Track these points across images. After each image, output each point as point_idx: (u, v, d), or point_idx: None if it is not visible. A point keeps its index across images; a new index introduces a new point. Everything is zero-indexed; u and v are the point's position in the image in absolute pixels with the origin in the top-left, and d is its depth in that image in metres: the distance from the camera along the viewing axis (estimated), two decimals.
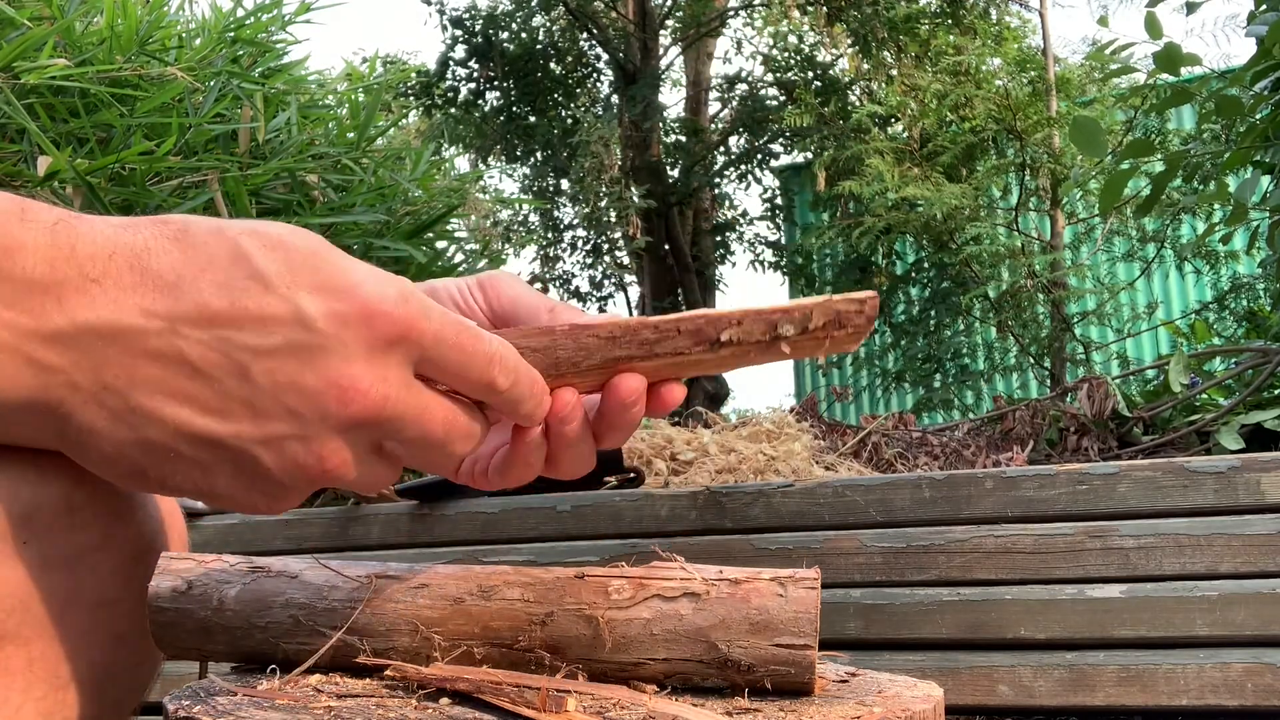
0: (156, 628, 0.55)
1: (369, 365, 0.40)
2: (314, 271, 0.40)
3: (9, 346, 0.37)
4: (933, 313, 6.55)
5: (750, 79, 10.63)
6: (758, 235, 10.61)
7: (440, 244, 2.36)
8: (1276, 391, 2.21)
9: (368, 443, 0.43)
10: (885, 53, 7.87)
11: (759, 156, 9.94)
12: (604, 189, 9.18)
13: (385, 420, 0.42)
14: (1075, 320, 5.53)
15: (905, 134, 6.32)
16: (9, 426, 0.39)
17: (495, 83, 10.31)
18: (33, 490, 0.51)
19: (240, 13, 2.13)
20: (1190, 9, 2.21)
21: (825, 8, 8.45)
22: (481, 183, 9.87)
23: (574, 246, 10.86)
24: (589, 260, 10.72)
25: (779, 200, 10.13)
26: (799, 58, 10.09)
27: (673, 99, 14.06)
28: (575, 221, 10.56)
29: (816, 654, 0.50)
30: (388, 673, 0.56)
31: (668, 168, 9.58)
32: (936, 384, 6.55)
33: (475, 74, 10.30)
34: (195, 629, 0.55)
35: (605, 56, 10.36)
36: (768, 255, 10.35)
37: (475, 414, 0.48)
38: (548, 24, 10.62)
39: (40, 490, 0.51)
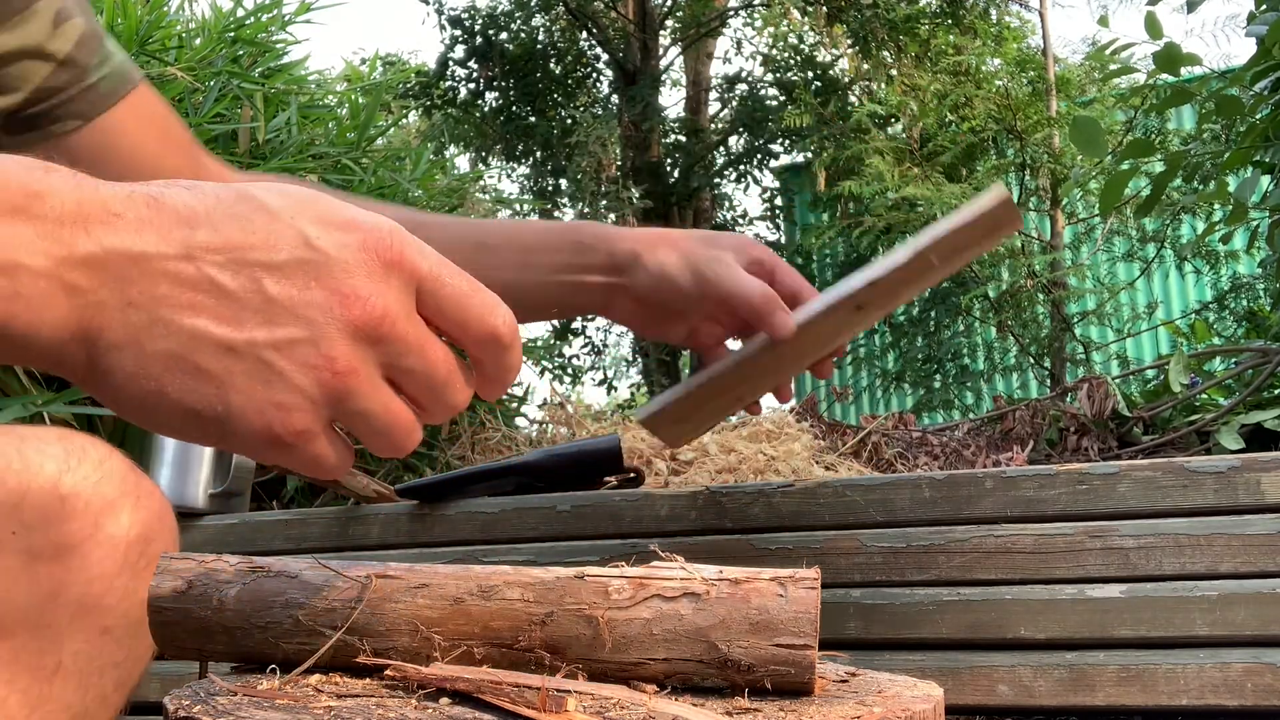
0: (156, 627, 0.55)
1: (369, 281, 0.43)
2: (314, 205, 0.44)
3: (45, 272, 0.40)
4: (932, 313, 6.55)
5: (750, 79, 10.63)
6: (758, 235, 10.61)
7: None
8: (1276, 391, 2.21)
9: (375, 360, 0.44)
10: (885, 53, 7.87)
11: (759, 156, 9.93)
12: (603, 189, 9.18)
13: (388, 337, 0.44)
14: (1075, 320, 5.53)
15: (905, 134, 6.32)
16: (44, 354, 0.41)
17: (495, 83, 10.30)
18: (19, 479, 0.51)
19: (240, 13, 2.13)
20: (1190, 9, 2.21)
21: (825, 8, 8.45)
22: (481, 183, 9.87)
23: None
24: None
25: (779, 200, 10.13)
26: (799, 58, 10.09)
27: (672, 99, 14.07)
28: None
29: (817, 654, 0.50)
30: (388, 673, 0.56)
31: (667, 168, 9.58)
32: (936, 384, 6.55)
33: (475, 74, 10.30)
34: (195, 629, 0.55)
35: (605, 56, 10.35)
36: None
37: (467, 374, 0.49)
38: (547, 24, 10.61)
39: (27, 479, 0.52)
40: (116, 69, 0.80)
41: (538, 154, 10.66)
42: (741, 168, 10.12)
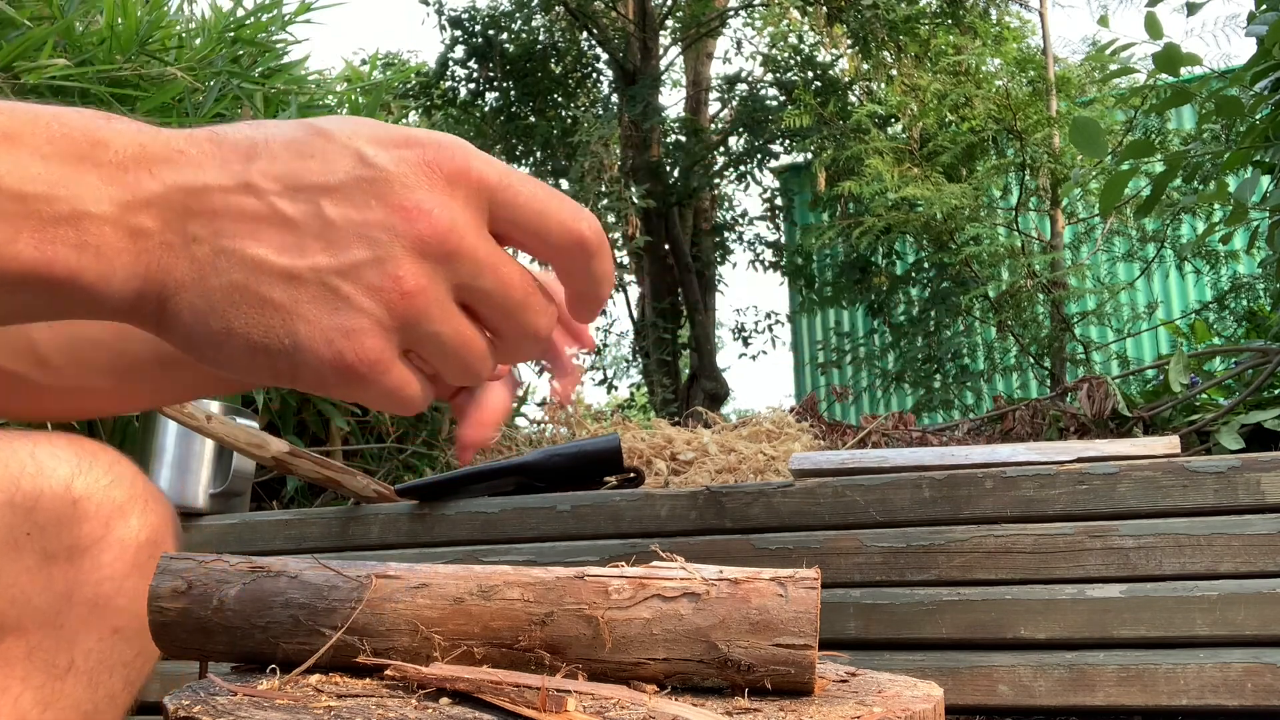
0: (156, 628, 0.55)
1: (432, 194, 0.41)
2: (370, 125, 0.43)
3: (111, 218, 0.39)
4: (933, 313, 6.55)
5: (750, 79, 10.63)
6: (757, 235, 10.62)
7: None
8: (1276, 391, 2.21)
9: (445, 280, 0.42)
10: (885, 53, 7.87)
11: (759, 156, 9.94)
12: (603, 189, 9.18)
13: (456, 252, 0.42)
14: (1075, 320, 5.53)
15: (905, 134, 6.32)
16: (118, 305, 0.40)
17: (495, 83, 10.30)
18: (34, 483, 0.52)
19: (240, 13, 2.13)
20: (1190, 10, 2.21)
21: (825, 8, 8.45)
22: None
23: None
24: None
25: (779, 200, 10.13)
26: (799, 58, 10.09)
27: (672, 99, 14.07)
28: None
29: (817, 654, 0.50)
30: (388, 673, 0.56)
31: (667, 168, 9.58)
32: (936, 384, 6.54)
33: (475, 74, 10.30)
34: (195, 629, 0.55)
35: (605, 56, 10.35)
36: (768, 255, 10.35)
37: (546, 297, 0.46)
38: (547, 24, 10.62)
39: (41, 482, 0.52)
40: None
41: (538, 154, 10.66)
42: (741, 168, 10.13)
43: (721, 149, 10.14)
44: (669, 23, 10.04)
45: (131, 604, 0.56)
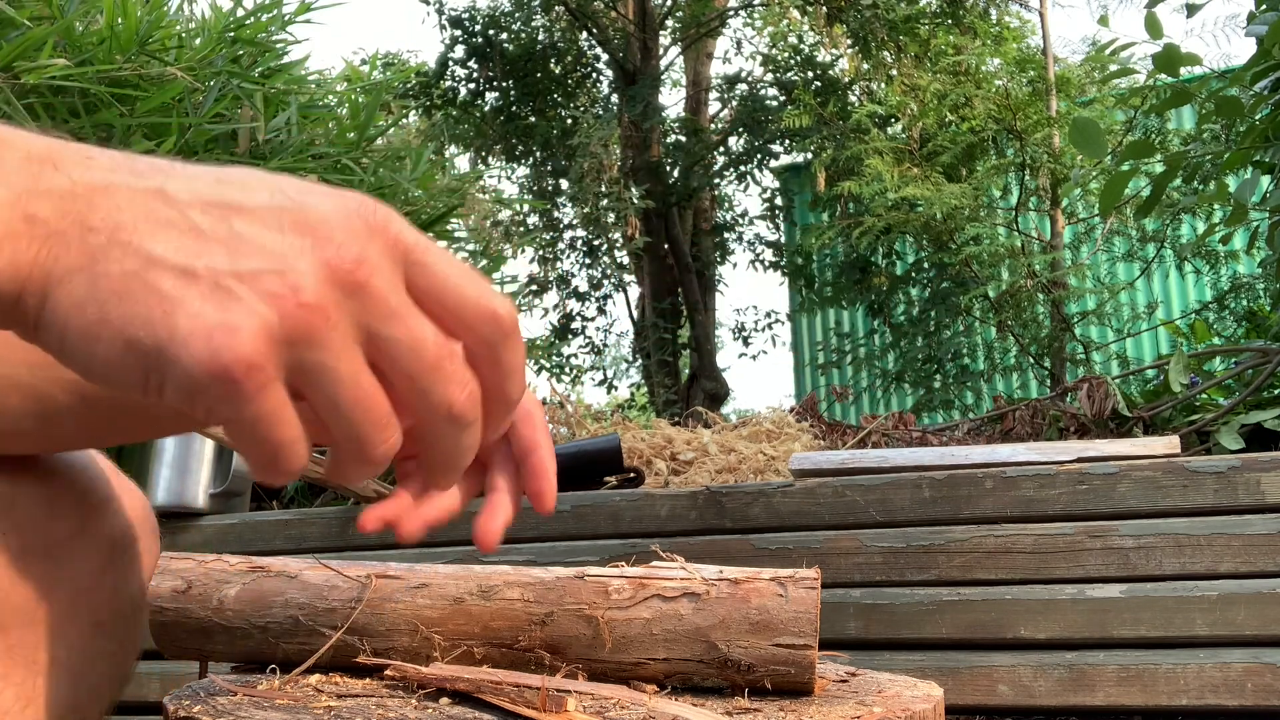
0: (156, 628, 0.55)
1: (348, 234, 0.40)
2: (298, 180, 0.42)
3: (6, 203, 0.37)
4: (933, 313, 6.54)
5: (750, 79, 10.62)
6: (757, 235, 10.62)
7: (440, 244, 2.36)
8: (1276, 391, 2.21)
9: (350, 315, 0.39)
10: (885, 53, 7.87)
11: (759, 156, 9.94)
12: (603, 189, 9.18)
13: (365, 286, 0.39)
14: (1075, 320, 5.53)
15: (905, 134, 6.32)
16: (6, 299, 0.38)
17: (495, 83, 10.30)
18: (11, 483, 0.52)
19: (240, 13, 2.13)
20: (1190, 10, 2.21)
21: (825, 8, 8.45)
22: (481, 183, 9.88)
23: (573, 247, 10.86)
24: (587, 260, 10.72)
25: (779, 200, 10.13)
26: (799, 58, 10.08)
27: (672, 99, 14.07)
28: (575, 221, 10.56)
29: (817, 654, 0.51)
30: (388, 673, 0.56)
31: (667, 168, 9.58)
32: (936, 384, 6.54)
33: (475, 74, 10.29)
34: (195, 629, 0.55)
35: (605, 56, 10.35)
36: (768, 255, 10.35)
37: (470, 371, 0.42)
38: (547, 24, 10.61)
39: (19, 483, 0.53)
40: None
41: (538, 154, 10.66)
42: (741, 168, 10.13)
43: (721, 149, 10.14)
44: (669, 23, 10.04)
45: (111, 599, 0.56)
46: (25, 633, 0.50)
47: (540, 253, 10.90)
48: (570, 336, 10.56)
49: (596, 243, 10.56)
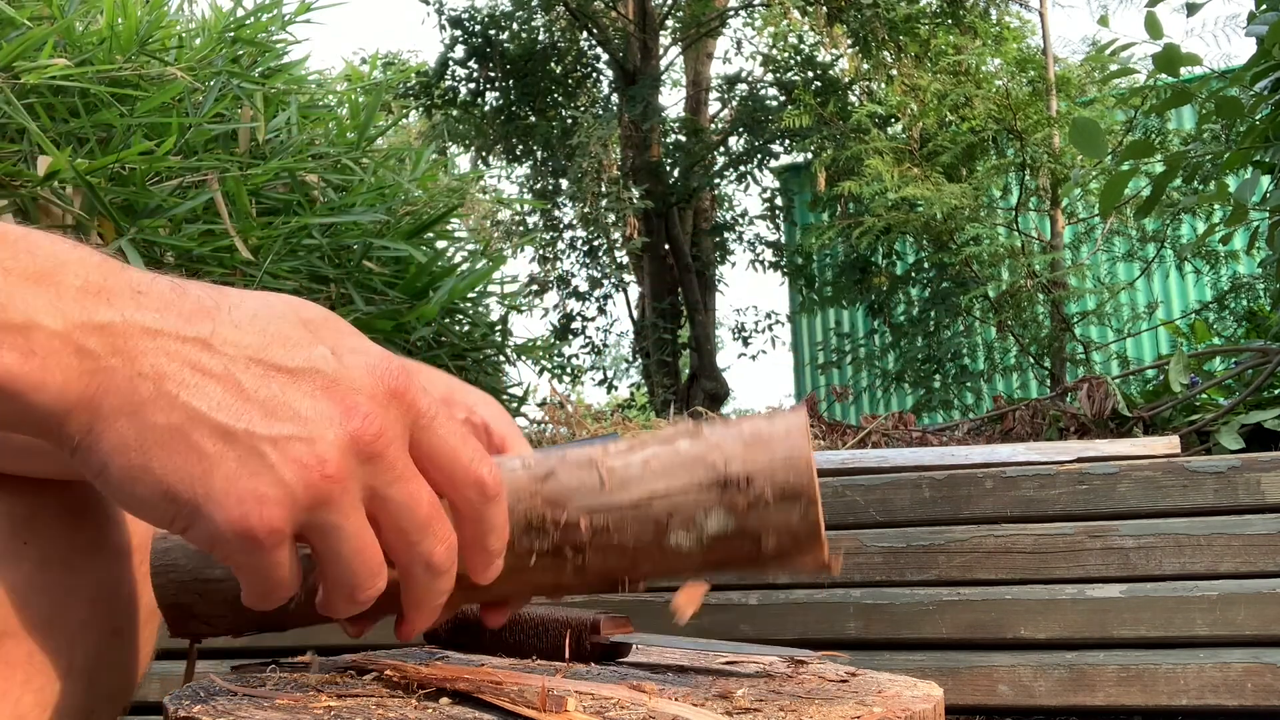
0: (167, 609, 0.55)
1: (373, 402, 0.44)
2: (337, 326, 0.47)
3: (59, 333, 0.40)
4: (933, 313, 6.55)
5: (750, 79, 10.63)
6: (757, 235, 10.62)
7: (440, 244, 2.36)
8: (1276, 391, 2.21)
9: (361, 480, 0.44)
10: (885, 53, 7.87)
11: (759, 156, 9.94)
12: (603, 189, 9.19)
13: (380, 457, 0.44)
14: (1075, 320, 5.53)
15: (905, 134, 6.32)
16: (44, 416, 0.41)
17: (495, 83, 10.31)
18: (34, 496, 0.53)
19: (240, 13, 2.13)
20: (1190, 10, 2.21)
21: (825, 8, 8.45)
22: (481, 183, 9.88)
23: (573, 247, 10.87)
24: (587, 260, 10.73)
25: (779, 200, 10.14)
26: (799, 58, 10.09)
27: (672, 99, 14.07)
28: (574, 221, 10.57)
29: (814, 462, 0.52)
30: (387, 673, 0.56)
31: (667, 168, 9.58)
32: (936, 384, 6.55)
33: (475, 74, 10.30)
34: (201, 608, 0.55)
35: (605, 56, 10.36)
36: (768, 255, 10.36)
37: (452, 530, 0.48)
38: (547, 24, 10.62)
39: (41, 496, 0.54)
40: None
41: (538, 154, 10.67)
42: (741, 168, 10.13)
43: (721, 149, 10.14)
44: (669, 23, 10.05)
45: (128, 607, 0.57)
46: (45, 639, 0.51)
47: (540, 252, 10.91)
48: (570, 336, 10.56)
49: (596, 243, 10.57)
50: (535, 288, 10.51)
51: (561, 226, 10.89)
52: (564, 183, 10.52)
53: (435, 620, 0.51)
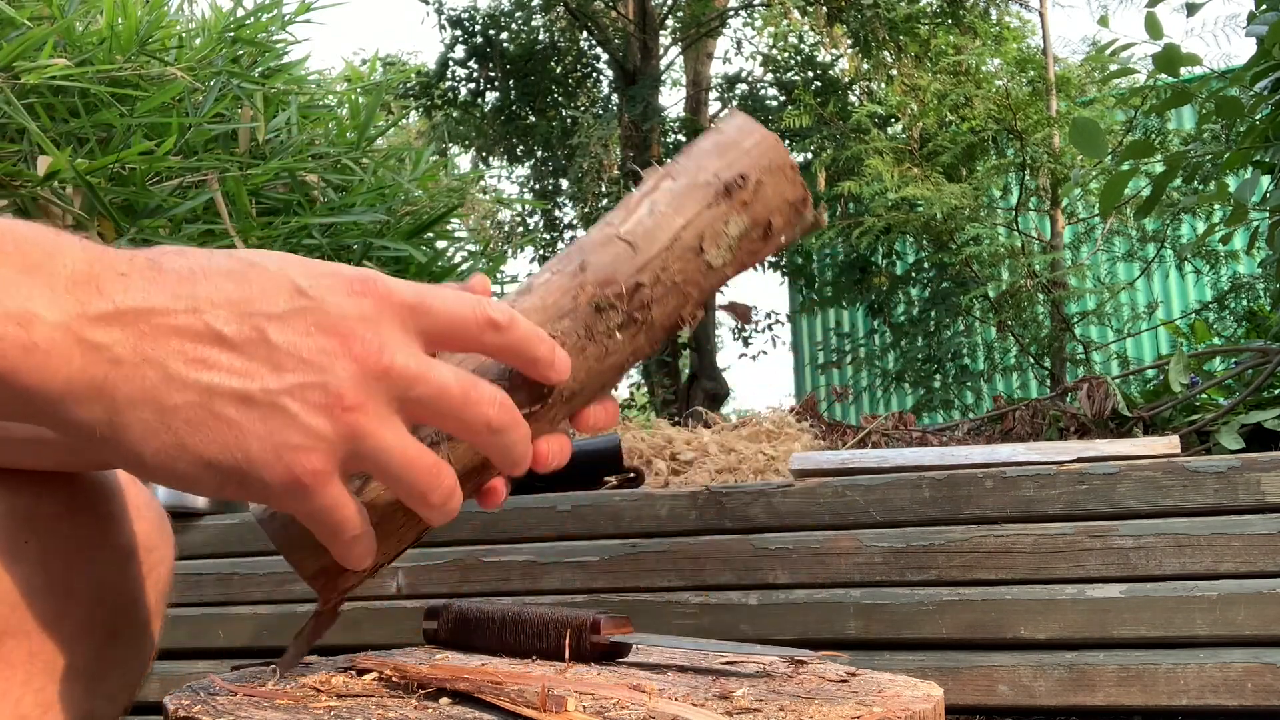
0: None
1: (362, 322, 0.46)
2: (299, 262, 0.47)
3: (62, 326, 0.41)
4: (933, 313, 6.55)
5: (750, 79, 10.63)
6: None
7: (440, 244, 2.36)
8: (1276, 391, 2.21)
9: (383, 395, 0.45)
10: (885, 53, 7.87)
11: None
12: (603, 189, 9.19)
13: (389, 369, 0.45)
14: (1075, 320, 5.53)
15: (905, 134, 6.32)
16: (53, 409, 0.42)
17: (495, 83, 10.30)
18: (35, 493, 0.53)
19: (240, 13, 2.13)
20: (1190, 10, 2.21)
21: (825, 8, 8.45)
22: (481, 183, 9.87)
23: None
24: None
25: None
26: (799, 58, 10.09)
27: (673, 99, 14.06)
28: (575, 221, 10.56)
29: (771, 133, 0.56)
30: (387, 673, 0.56)
31: None
32: (936, 384, 6.55)
33: (475, 74, 10.30)
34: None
35: (605, 56, 10.35)
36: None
37: (493, 386, 0.49)
38: (547, 24, 10.61)
39: (41, 493, 0.54)
40: None
41: (538, 154, 10.66)
42: None
43: None
44: (669, 23, 10.04)
45: (129, 608, 0.57)
46: (47, 640, 0.51)
47: (540, 253, 10.90)
48: None
49: None
50: None
51: (561, 226, 10.88)
52: (564, 183, 10.52)
53: (549, 449, 0.53)
